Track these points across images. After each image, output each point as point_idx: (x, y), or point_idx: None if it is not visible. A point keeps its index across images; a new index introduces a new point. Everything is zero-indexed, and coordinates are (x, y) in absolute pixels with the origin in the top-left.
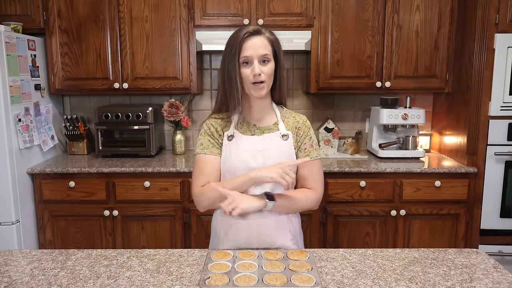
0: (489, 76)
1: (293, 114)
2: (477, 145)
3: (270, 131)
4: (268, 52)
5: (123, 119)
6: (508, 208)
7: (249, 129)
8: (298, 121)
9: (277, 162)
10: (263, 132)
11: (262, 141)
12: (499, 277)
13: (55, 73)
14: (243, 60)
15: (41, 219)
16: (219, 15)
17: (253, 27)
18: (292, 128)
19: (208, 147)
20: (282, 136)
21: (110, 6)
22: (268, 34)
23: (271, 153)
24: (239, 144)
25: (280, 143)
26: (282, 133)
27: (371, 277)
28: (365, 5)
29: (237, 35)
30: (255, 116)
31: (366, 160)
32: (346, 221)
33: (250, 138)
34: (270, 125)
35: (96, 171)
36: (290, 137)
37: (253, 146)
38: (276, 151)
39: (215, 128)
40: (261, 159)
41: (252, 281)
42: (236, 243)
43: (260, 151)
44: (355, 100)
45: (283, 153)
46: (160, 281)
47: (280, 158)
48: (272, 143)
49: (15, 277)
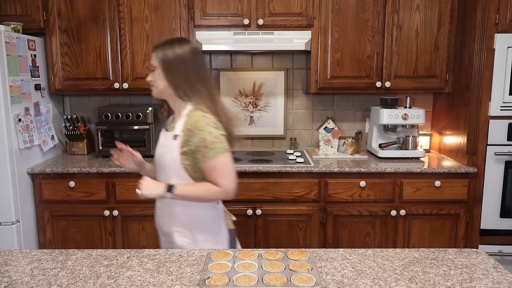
0: (489, 76)
1: (196, 116)
2: (477, 145)
3: (172, 129)
4: (155, 63)
5: (123, 119)
6: (508, 208)
7: (169, 124)
8: (191, 123)
9: (162, 158)
10: (169, 128)
11: (162, 138)
12: (499, 277)
13: (55, 73)
14: None
15: (41, 219)
16: (219, 15)
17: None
18: (184, 129)
19: None
20: (174, 136)
21: (110, 6)
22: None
23: (161, 150)
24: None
25: (169, 142)
26: (175, 133)
27: (371, 277)
28: (365, 5)
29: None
30: (176, 113)
31: (366, 160)
32: (346, 221)
33: (162, 133)
34: (175, 122)
35: (96, 171)
36: (179, 138)
37: (159, 141)
38: (164, 150)
39: None
40: (156, 154)
41: (252, 281)
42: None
43: (159, 146)
44: (355, 100)
45: (168, 151)
46: (160, 281)
47: (165, 155)
48: (164, 141)
49: (15, 277)
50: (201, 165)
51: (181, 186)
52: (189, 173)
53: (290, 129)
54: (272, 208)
